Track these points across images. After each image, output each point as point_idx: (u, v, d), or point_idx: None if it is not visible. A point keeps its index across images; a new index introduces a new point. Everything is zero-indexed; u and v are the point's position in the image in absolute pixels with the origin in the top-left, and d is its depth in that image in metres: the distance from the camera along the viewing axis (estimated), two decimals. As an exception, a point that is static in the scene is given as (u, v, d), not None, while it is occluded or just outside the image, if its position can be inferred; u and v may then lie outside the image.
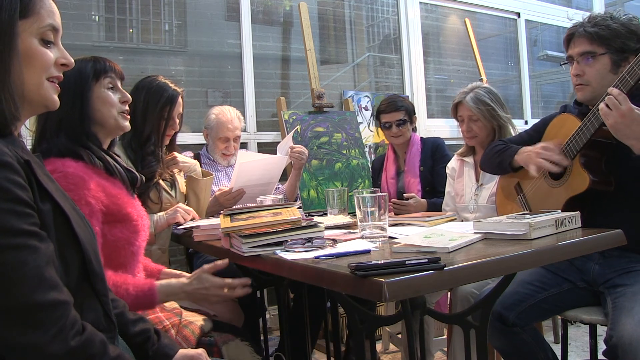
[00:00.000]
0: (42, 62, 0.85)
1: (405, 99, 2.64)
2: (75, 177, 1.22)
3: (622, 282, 1.46)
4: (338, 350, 2.04)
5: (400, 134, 2.57)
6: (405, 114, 2.56)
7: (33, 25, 0.84)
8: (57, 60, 0.88)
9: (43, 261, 0.73)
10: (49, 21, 0.86)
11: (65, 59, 0.90)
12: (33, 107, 0.88)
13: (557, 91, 5.17)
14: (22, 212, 0.73)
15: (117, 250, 1.30)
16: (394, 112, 2.55)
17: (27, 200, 0.75)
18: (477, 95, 2.07)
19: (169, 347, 1.06)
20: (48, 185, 0.82)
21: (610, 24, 1.52)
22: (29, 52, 0.83)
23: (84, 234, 0.85)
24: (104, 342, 0.79)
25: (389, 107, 2.57)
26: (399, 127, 2.55)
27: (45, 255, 0.74)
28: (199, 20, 3.18)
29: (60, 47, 0.90)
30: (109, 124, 1.35)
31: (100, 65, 1.34)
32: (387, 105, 2.59)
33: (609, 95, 1.36)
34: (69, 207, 0.85)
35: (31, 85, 0.84)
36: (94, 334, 0.78)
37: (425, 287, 0.94)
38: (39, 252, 0.73)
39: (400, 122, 2.55)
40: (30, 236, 0.73)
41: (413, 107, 2.64)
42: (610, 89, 1.37)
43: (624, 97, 1.33)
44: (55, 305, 0.73)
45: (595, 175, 1.50)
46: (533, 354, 1.55)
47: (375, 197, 1.27)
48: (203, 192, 2.03)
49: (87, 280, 0.86)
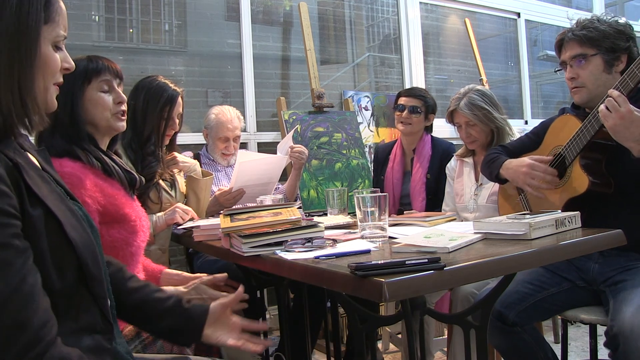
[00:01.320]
0: (53, 67, 0.86)
1: (429, 95, 2.55)
2: (71, 176, 1.22)
3: (622, 278, 1.47)
4: (338, 350, 2.04)
5: (410, 121, 2.46)
6: (422, 105, 2.46)
7: (52, 32, 0.84)
8: (61, 65, 0.88)
9: (15, 277, 0.70)
10: (62, 27, 0.87)
11: (68, 64, 0.90)
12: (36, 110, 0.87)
13: (557, 91, 5.17)
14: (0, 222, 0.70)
15: (115, 251, 1.30)
16: (411, 97, 2.47)
17: (7, 210, 0.72)
18: (471, 100, 2.05)
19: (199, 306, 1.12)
20: (40, 189, 0.80)
21: (597, 26, 1.55)
22: (46, 57, 0.84)
23: (80, 238, 0.84)
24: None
25: (409, 91, 2.52)
26: (410, 113, 2.45)
27: (19, 271, 0.70)
28: (199, 20, 3.18)
29: (65, 52, 0.90)
30: (102, 125, 1.34)
31: (93, 65, 1.33)
32: (409, 89, 2.56)
33: (609, 97, 1.37)
34: (63, 210, 0.83)
35: (40, 89, 0.84)
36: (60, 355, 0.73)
37: (425, 287, 0.94)
38: (12, 267, 0.70)
39: (413, 108, 2.45)
40: (4, 249, 0.70)
41: (435, 106, 2.54)
42: (610, 91, 1.38)
43: (623, 99, 1.34)
44: (18, 325, 0.69)
45: (594, 177, 1.50)
46: (533, 354, 1.55)
47: (375, 197, 1.26)
48: (203, 192, 2.03)
49: (84, 284, 0.84)
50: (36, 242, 0.76)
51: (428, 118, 2.52)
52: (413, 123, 2.47)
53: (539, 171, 1.60)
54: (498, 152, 1.85)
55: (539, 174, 1.60)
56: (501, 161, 1.76)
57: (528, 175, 1.62)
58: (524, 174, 1.63)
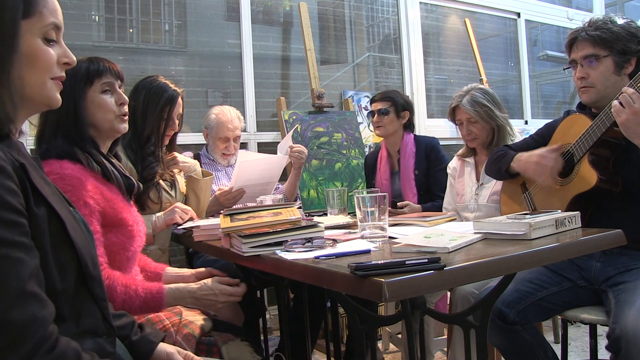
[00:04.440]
0: (45, 62, 0.83)
1: (399, 94, 2.59)
2: (72, 178, 1.22)
3: (624, 279, 1.47)
4: (338, 350, 2.04)
5: (381, 123, 2.51)
6: (390, 105, 2.51)
7: (36, 25, 0.82)
8: (59, 59, 0.86)
9: (26, 274, 0.70)
10: (51, 19, 0.84)
11: (67, 58, 0.88)
12: (35, 106, 0.86)
13: (557, 91, 5.17)
14: (11, 220, 0.70)
15: (112, 255, 1.31)
16: (379, 101, 2.55)
17: (17, 208, 0.72)
18: (474, 98, 2.07)
19: (152, 335, 1.08)
20: (43, 189, 0.80)
21: (611, 27, 1.55)
22: (33, 51, 0.82)
23: (79, 239, 0.84)
24: (77, 355, 0.75)
25: (377, 96, 2.59)
26: (381, 116, 2.51)
27: (29, 268, 0.71)
28: (199, 20, 3.18)
29: (63, 45, 0.88)
30: (105, 127, 1.34)
31: (95, 67, 1.32)
32: (376, 94, 2.62)
33: (623, 94, 1.38)
34: (64, 211, 0.84)
35: (34, 86, 0.83)
36: (67, 348, 0.74)
37: (425, 287, 0.94)
38: (24, 264, 0.70)
39: (380, 110, 2.51)
40: (16, 247, 0.70)
41: (406, 104, 2.56)
42: (625, 88, 1.40)
43: (638, 96, 1.36)
44: (30, 322, 0.69)
45: (602, 174, 1.51)
46: (533, 353, 1.55)
47: (375, 197, 1.26)
48: (203, 192, 2.03)
49: (85, 285, 0.84)
50: (40, 241, 0.76)
51: (402, 116, 2.54)
52: (384, 124, 2.52)
53: (551, 158, 1.61)
54: (503, 149, 1.86)
55: (550, 162, 1.60)
56: (511, 155, 1.78)
57: (539, 164, 1.63)
58: (536, 163, 1.64)
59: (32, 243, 0.74)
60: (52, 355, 0.71)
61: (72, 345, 0.75)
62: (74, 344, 0.76)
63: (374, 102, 2.57)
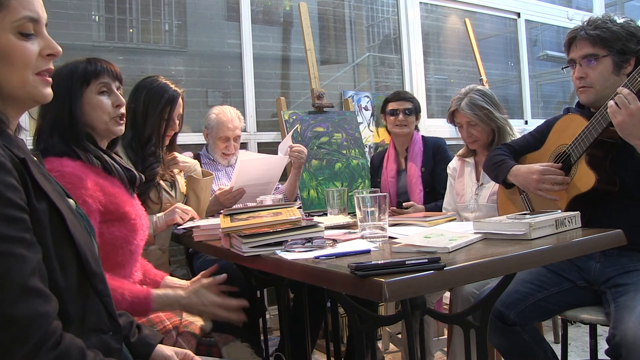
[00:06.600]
0: (22, 58, 0.80)
1: (415, 97, 2.70)
2: (72, 176, 1.22)
3: (624, 281, 1.47)
4: (338, 350, 2.04)
5: (406, 123, 2.58)
6: (412, 106, 2.60)
7: (4, 20, 0.78)
8: (41, 52, 0.83)
9: (28, 270, 0.70)
10: (24, 13, 0.80)
11: (50, 49, 0.84)
12: (23, 104, 0.84)
13: (557, 91, 5.17)
14: (11, 216, 0.70)
15: (115, 249, 1.30)
16: (402, 101, 2.60)
17: (18, 203, 0.72)
18: (472, 100, 2.06)
19: (150, 337, 1.06)
20: (44, 184, 0.79)
21: (610, 27, 1.54)
22: (5, 48, 0.78)
23: (79, 235, 0.84)
24: (82, 352, 0.75)
25: (397, 96, 2.63)
26: (406, 115, 2.57)
27: (31, 264, 0.71)
28: (199, 20, 3.18)
29: (46, 37, 0.83)
30: (100, 128, 1.34)
31: (92, 67, 1.32)
32: (395, 94, 2.65)
33: (618, 94, 1.38)
34: (65, 207, 0.83)
35: (15, 83, 0.80)
36: (71, 345, 0.74)
37: (425, 287, 0.94)
38: (26, 260, 0.70)
39: (407, 110, 2.58)
40: (18, 243, 0.70)
41: (420, 107, 2.67)
42: (620, 88, 1.39)
43: (633, 97, 1.36)
44: (34, 317, 0.69)
45: (600, 174, 1.50)
46: (533, 353, 1.55)
47: (375, 197, 1.26)
48: (203, 192, 2.03)
49: (87, 281, 0.84)
50: (41, 236, 0.76)
51: (417, 118, 2.65)
52: (409, 124, 2.60)
53: (551, 176, 1.59)
54: (503, 153, 1.83)
55: (551, 178, 1.59)
56: (508, 166, 1.74)
57: (540, 181, 1.60)
58: (536, 180, 1.61)
59: (34, 239, 0.74)
60: (56, 351, 0.71)
61: (77, 343, 0.75)
62: (78, 341, 0.76)
63: (395, 101, 2.60)
